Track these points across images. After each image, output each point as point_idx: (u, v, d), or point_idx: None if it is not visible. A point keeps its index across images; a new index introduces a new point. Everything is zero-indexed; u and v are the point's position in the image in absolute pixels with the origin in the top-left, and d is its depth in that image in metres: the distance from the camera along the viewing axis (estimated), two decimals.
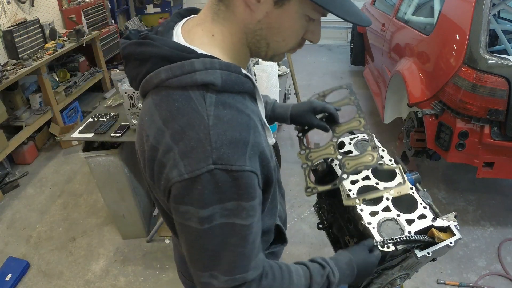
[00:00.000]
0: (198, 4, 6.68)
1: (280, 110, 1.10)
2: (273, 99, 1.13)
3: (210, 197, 0.60)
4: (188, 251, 0.68)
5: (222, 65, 0.63)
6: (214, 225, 0.62)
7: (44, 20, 3.97)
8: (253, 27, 0.67)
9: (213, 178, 0.59)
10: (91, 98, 4.76)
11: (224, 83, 0.63)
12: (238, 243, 0.65)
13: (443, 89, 2.18)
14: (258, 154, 0.64)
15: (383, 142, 1.26)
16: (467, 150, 2.13)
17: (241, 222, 0.63)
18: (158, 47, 0.64)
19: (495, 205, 2.67)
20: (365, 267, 0.85)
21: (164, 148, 0.62)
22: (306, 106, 1.07)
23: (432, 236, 0.92)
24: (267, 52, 0.71)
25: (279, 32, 0.67)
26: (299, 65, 5.34)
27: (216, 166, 0.59)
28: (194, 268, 0.68)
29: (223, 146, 0.59)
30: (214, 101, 0.62)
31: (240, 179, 0.61)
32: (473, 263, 2.24)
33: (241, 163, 0.60)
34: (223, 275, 0.66)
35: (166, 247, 2.47)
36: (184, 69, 0.62)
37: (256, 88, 0.71)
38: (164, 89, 0.64)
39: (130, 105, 1.94)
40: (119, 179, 2.20)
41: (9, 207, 2.97)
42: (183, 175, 0.59)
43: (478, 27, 2.04)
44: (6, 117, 3.20)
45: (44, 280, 2.32)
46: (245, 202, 0.63)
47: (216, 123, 0.60)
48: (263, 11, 0.64)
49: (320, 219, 1.28)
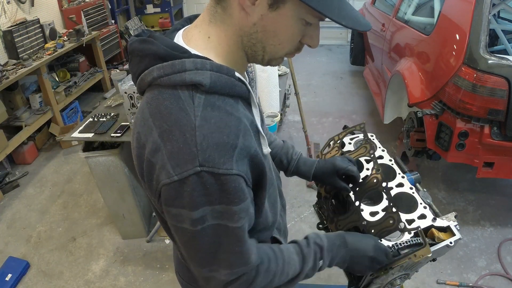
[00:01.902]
0: (198, 4, 6.68)
1: (303, 168, 1.08)
2: (299, 153, 1.11)
3: (199, 199, 0.61)
4: (185, 250, 0.69)
5: (214, 66, 0.63)
6: (206, 225, 0.63)
7: (44, 20, 3.97)
8: (249, 30, 0.66)
9: (200, 180, 0.59)
10: (91, 98, 4.76)
11: (213, 84, 0.62)
12: (233, 242, 0.66)
13: (443, 89, 2.18)
14: (248, 157, 0.64)
15: (383, 142, 1.27)
16: (467, 150, 2.13)
17: (233, 224, 0.64)
18: (156, 45, 0.65)
19: (495, 205, 2.67)
20: (360, 244, 0.85)
21: (152, 147, 0.62)
22: (330, 167, 1.03)
23: (432, 236, 0.92)
24: (264, 56, 0.71)
25: (275, 35, 0.67)
26: (299, 65, 5.34)
27: (203, 168, 0.59)
28: (193, 265, 0.70)
29: (209, 148, 0.59)
30: (202, 102, 0.62)
31: (227, 183, 0.61)
32: (473, 263, 2.24)
33: (227, 166, 0.60)
34: (222, 269, 0.68)
35: (166, 247, 2.47)
36: (175, 68, 0.62)
37: (251, 94, 0.70)
38: (156, 87, 0.65)
39: (130, 105, 1.94)
40: (119, 179, 2.20)
41: (9, 207, 2.97)
42: (172, 176, 0.60)
43: (478, 27, 2.04)
44: (6, 117, 3.21)
45: (44, 280, 2.32)
46: (234, 206, 0.63)
47: (203, 124, 0.60)
48: (258, 14, 0.64)
49: (320, 219, 1.28)
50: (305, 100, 4.25)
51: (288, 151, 1.10)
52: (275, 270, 0.75)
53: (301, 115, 3.04)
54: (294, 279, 0.80)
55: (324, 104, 4.36)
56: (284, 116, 3.64)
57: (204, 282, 0.72)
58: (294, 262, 0.79)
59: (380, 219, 0.90)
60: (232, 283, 0.70)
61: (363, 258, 0.85)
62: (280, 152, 1.09)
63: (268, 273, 0.74)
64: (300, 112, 3.03)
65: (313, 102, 4.39)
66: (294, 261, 0.78)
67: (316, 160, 1.09)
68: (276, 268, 0.75)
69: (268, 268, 0.74)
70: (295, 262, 0.79)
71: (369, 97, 4.33)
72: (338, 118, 4.00)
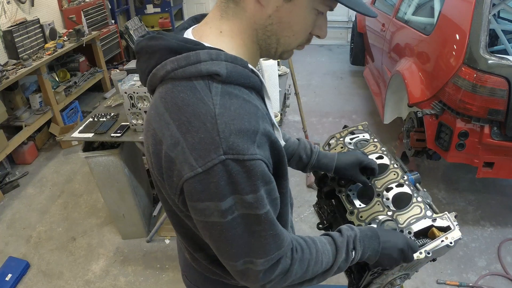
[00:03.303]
0: (198, 4, 6.68)
1: (325, 160, 1.07)
2: (317, 148, 1.11)
3: (226, 188, 0.59)
4: (216, 246, 0.66)
5: (228, 57, 0.63)
6: (236, 215, 0.61)
7: (44, 20, 3.97)
8: (264, 23, 0.67)
9: (226, 169, 0.58)
10: (91, 98, 4.76)
11: (229, 74, 0.62)
12: (265, 228, 0.64)
13: (443, 89, 2.18)
14: (268, 143, 0.64)
15: (383, 142, 1.27)
16: (467, 150, 2.13)
17: (263, 210, 0.62)
18: (166, 40, 0.65)
19: (495, 205, 2.67)
20: (390, 236, 0.85)
21: (170, 141, 0.61)
22: (353, 159, 1.04)
23: (433, 236, 0.92)
24: (277, 49, 0.71)
25: (290, 26, 0.68)
26: (299, 65, 5.34)
27: (227, 156, 0.57)
28: (226, 260, 0.67)
29: (232, 135, 0.58)
30: (219, 90, 0.61)
31: (253, 168, 0.59)
32: (473, 263, 2.24)
33: (251, 152, 0.59)
34: (258, 258, 0.66)
35: (166, 247, 2.47)
36: (190, 59, 0.61)
37: (264, 86, 0.70)
38: (170, 81, 0.64)
39: (130, 105, 1.94)
40: (119, 179, 2.20)
41: (9, 207, 2.97)
42: (196, 168, 0.58)
43: (478, 27, 2.04)
44: (6, 117, 3.21)
45: (44, 280, 2.32)
46: (261, 192, 0.61)
47: (223, 112, 0.59)
48: (274, 5, 0.65)
49: (320, 219, 1.28)
50: (305, 100, 4.25)
51: (306, 146, 1.09)
52: (309, 259, 0.73)
53: (301, 115, 3.04)
54: (328, 270, 0.78)
55: (324, 104, 4.36)
56: (284, 116, 3.64)
57: (240, 276, 0.69)
58: (328, 251, 0.77)
59: (407, 208, 0.95)
60: (269, 272, 0.68)
61: (393, 250, 0.84)
62: (298, 148, 1.09)
63: (302, 262, 0.73)
64: (300, 112, 3.03)
65: (313, 102, 4.39)
66: (327, 251, 0.77)
67: (335, 153, 1.09)
68: (310, 257, 0.74)
69: (302, 256, 0.72)
70: (328, 252, 0.77)
71: (369, 97, 4.34)
72: (338, 118, 4.00)
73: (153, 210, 2.69)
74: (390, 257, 0.84)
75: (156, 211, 2.68)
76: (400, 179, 1.05)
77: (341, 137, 1.24)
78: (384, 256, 0.84)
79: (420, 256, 0.88)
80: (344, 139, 1.23)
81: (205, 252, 0.80)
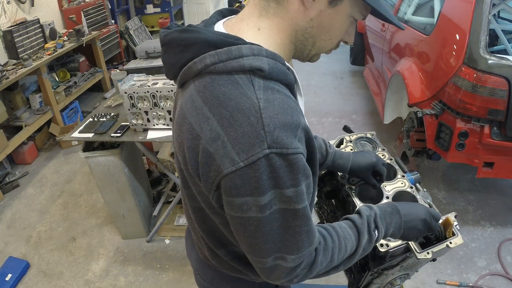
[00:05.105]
0: (198, 4, 6.67)
1: (340, 161, 1.08)
2: (333, 149, 1.11)
3: (267, 183, 0.59)
4: (249, 242, 0.66)
5: (269, 53, 0.63)
6: (274, 210, 0.61)
7: (44, 20, 3.97)
8: (305, 25, 0.68)
9: (269, 163, 0.58)
10: (91, 98, 4.76)
11: (271, 70, 0.62)
12: (301, 223, 0.64)
13: (443, 89, 2.18)
14: (306, 138, 0.64)
15: (383, 142, 1.27)
16: (467, 150, 2.13)
17: (302, 205, 0.62)
18: (204, 34, 0.64)
19: (495, 205, 2.67)
20: (411, 209, 0.85)
21: (210, 135, 0.60)
22: (367, 163, 1.06)
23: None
24: (311, 51, 0.73)
25: (328, 31, 0.70)
26: (299, 65, 5.32)
27: (272, 150, 0.57)
28: (256, 256, 0.67)
29: (276, 129, 0.58)
30: (262, 85, 0.61)
31: (296, 162, 0.59)
32: (473, 263, 2.24)
33: (295, 145, 0.59)
34: (290, 254, 0.65)
35: (166, 247, 2.47)
36: (231, 54, 0.61)
37: (298, 83, 0.71)
38: (208, 75, 0.63)
39: (130, 105, 1.94)
40: (119, 179, 2.20)
41: (9, 207, 2.97)
42: (238, 163, 0.57)
43: (478, 27, 2.04)
44: (6, 117, 3.21)
45: (44, 280, 2.32)
46: (302, 186, 0.61)
47: (267, 106, 0.59)
48: (317, 9, 0.66)
49: (320, 219, 1.29)
50: (305, 100, 4.22)
51: (321, 146, 1.08)
52: (332, 247, 0.73)
53: None
54: (353, 255, 0.77)
55: (324, 104, 4.36)
56: None
57: (267, 273, 0.69)
58: (350, 236, 0.76)
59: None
60: (296, 268, 0.68)
61: (416, 221, 0.83)
62: None
63: (327, 251, 0.72)
64: None
65: (313, 102, 4.39)
66: (349, 235, 0.76)
67: (350, 153, 1.09)
68: (333, 245, 0.73)
69: (325, 246, 0.72)
70: (350, 236, 0.76)
71: (369, 97, 4.34)
72: (338, 118, 4.00)
73: (153, 210, 2.69)
74: (415, 229, 0.83)
75: (156, 211, 2.68)
76: (408, 188, 1.09)
77: (351, 140, 1.28)
78: (408, 229, 0.83)
79: (428, 256, 0.88)
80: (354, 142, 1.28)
81: (227, 248, 0.80)
